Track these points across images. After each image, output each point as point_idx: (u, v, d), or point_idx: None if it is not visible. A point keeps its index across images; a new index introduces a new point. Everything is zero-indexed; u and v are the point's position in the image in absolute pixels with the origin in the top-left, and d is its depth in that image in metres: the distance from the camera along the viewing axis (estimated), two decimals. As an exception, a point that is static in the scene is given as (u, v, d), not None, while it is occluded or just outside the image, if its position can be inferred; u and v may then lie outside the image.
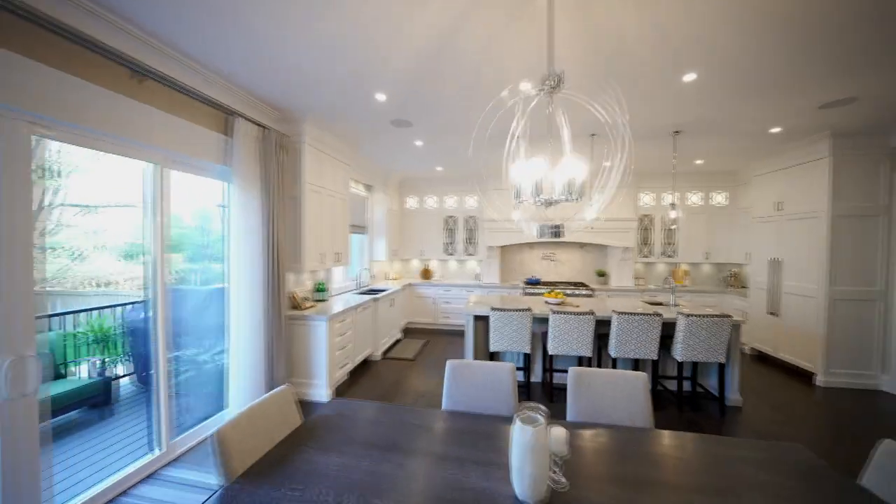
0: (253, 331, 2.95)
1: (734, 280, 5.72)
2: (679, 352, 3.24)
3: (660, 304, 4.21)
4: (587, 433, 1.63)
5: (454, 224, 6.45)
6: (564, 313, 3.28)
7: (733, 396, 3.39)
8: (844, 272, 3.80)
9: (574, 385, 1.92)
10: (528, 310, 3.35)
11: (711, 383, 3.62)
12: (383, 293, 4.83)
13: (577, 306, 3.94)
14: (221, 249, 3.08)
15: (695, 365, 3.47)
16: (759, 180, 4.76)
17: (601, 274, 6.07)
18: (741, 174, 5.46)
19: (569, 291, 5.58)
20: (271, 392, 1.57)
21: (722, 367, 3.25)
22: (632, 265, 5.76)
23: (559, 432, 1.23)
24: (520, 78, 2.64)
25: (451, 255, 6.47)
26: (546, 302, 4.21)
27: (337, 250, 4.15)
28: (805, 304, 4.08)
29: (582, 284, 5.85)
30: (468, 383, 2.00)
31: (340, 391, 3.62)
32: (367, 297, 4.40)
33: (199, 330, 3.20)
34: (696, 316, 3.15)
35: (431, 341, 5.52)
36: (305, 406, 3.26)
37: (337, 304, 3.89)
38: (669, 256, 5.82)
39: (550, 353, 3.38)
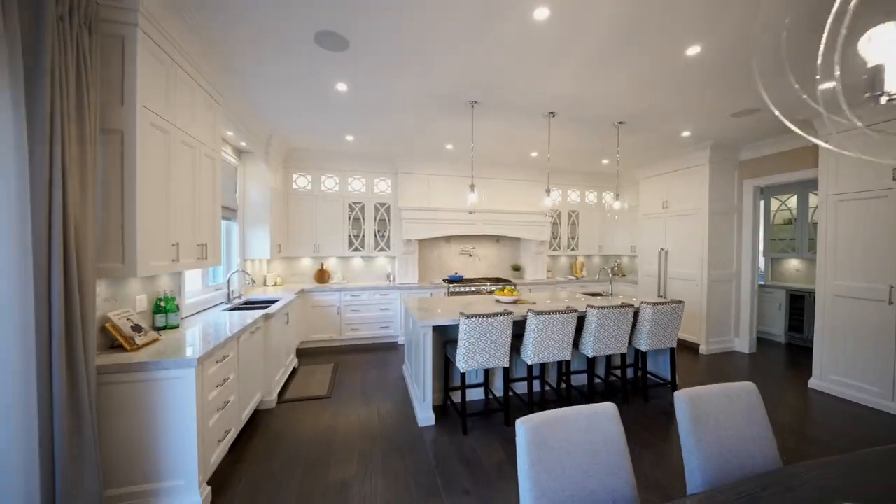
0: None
1: (618, 270, 6.53)
2: (644, 342, 3.16)
3: (598, 294, 4.22)
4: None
5: (361, 212, 5.21)
6: (547, 313, 2.73)
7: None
8: (715, 259, 4.60)
9: (692, 424, 1.31)
10: (509, 313, 2.66)
11: (648, 368, 3.77)
12: (276, 306, 3.30)
13: (534, 303, 3.52)
14: None
15: (637, 353, 3.51)
16: (648, 182, 5.45)
17: (516, 268, 5.98)
18: (624, 177, 6.25)
19: (494, 287, 5.21)
20: None
21: (673, 352, 3.34)
22: (545, 258, 5.85)
23: None
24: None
25: (359, 250, 5.21)
26: (498, 301, 3.64)
27: (201, 240, 2.49)
28: (688, 286, 4.80)
29: (500, 280, 5.60)
30: (562, 456, 1.14)
31: (222, 480, 2.10)
32: (254, 315, 2.85)
33: None
34: (660, 304, 3.13)
35: (341, 364, 4.20)
36: (152, 540, 1.68)
37: (198, 332, 2.30)
38: (572, 250, 6.19)
39: (530, 361, 2.79)
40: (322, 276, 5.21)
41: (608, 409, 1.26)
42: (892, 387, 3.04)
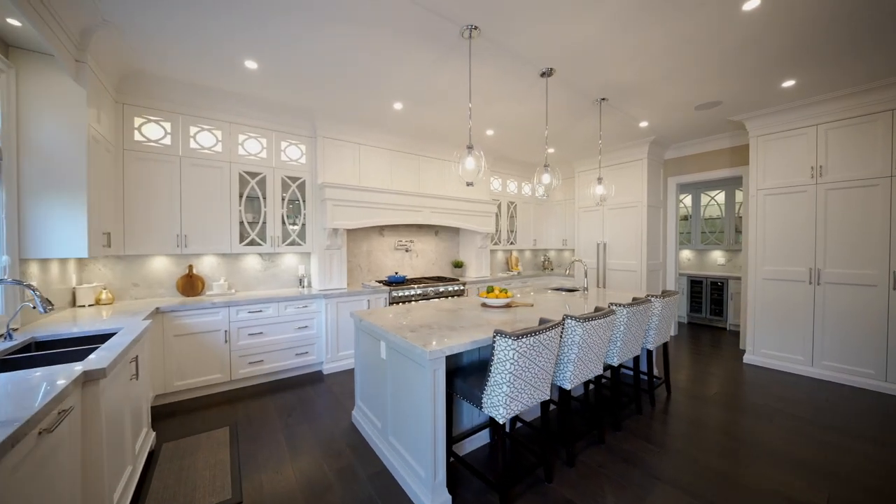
0: None
1: (548, 264, 6.50)
2: (652, 339, 2.82)
3: (574, 290, 3.81)
4: None
5: (260, 188, 3.57)
6: (593, 319, 2.04)
7: (657, 372, 3.40)
8: (650, 250, 4.83)
9: None
10: (560, 324, 1.85)
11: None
12: (109, 349, 1.65)
13: (531, 305, 2.83)
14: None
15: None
16: (584, 175, 5.46)
17: (458, 265, 5.22)
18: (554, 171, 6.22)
19: (443, 288, 4.34)
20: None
21: (666, 347, 3.12)
22: (488, 253, 5.28)
23: None
24: None
25: (257, 244, 3.55)
26: (485, 304, 2.82)
27: None
28: (627, 276, 4.93)
29: (442, 279, 4.75)
30: None
31: None
32: (45, 385, 1.25)
33: None
34: (667, 297, 2.84)
35: (241, 420, 2.63)
36: None
37: None
38: (511, 243, 5.81)
39: (570, 385, 2.05)
40: (192, 284, 3.35)
41: None
42: (811, 354, 3.49)
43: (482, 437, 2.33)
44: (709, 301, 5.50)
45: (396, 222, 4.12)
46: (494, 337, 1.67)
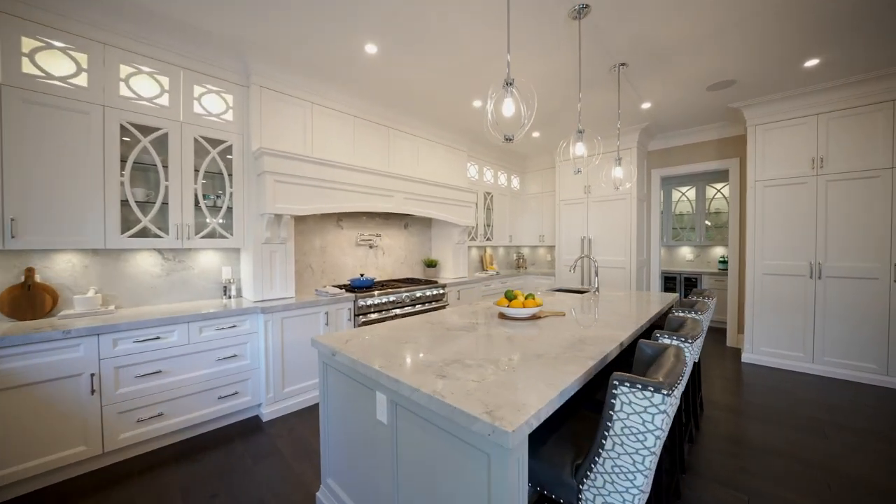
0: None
1: (523, 262, 5.98)
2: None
3: (583, 291, 3.24)
4: None
5: (160, 152, 2.38)
6: (698, 337, 1.42)
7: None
8: (639, 245, 4.53)
9: None
10: (681, 347, 1.17)
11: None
12: None
13: (562, 314, 2.16)
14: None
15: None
16: (565, 166, 5.01)
17: (431, 264, 4.40)
18: (531, 160, 5.73)
19: (419, 292, 3.51)
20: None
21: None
22: (466, 249, 4.55)
23: None
24: None
25: (154, 235, 2.36)
26: (504, 316, 2.09)
27: None
28: (615, 274, 4.57)
29: (418, 281, 3.91)
30: None
31: None
32: None
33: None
34: (712, 299, 2.37)
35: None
36: None
37: None
38: (488, 239, 5.15)
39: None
40: (30, 300, 2.08)
41: None
42: (812, 350, 3.37)
43: (527, 517, 1.58)
44: (682, 297, 5.43)
45: (362, 208, 3.17)
46: (616, 389, 0.92)
